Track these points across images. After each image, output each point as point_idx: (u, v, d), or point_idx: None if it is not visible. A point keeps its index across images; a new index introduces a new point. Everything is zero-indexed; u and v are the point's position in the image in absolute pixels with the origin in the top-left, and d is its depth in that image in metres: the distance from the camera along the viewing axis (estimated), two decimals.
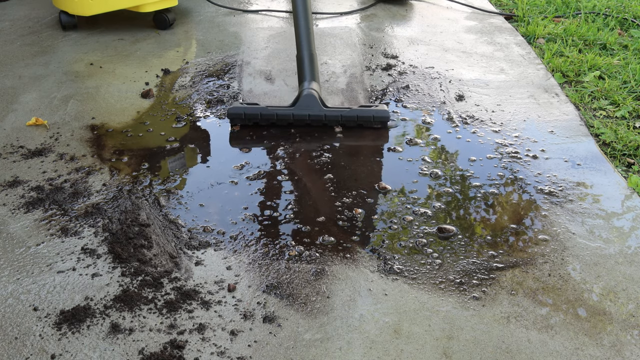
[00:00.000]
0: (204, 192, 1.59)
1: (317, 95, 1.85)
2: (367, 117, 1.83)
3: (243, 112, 1.84)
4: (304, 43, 1.94)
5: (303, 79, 1.92)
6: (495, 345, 1.14)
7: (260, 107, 1.85)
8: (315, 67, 1.93)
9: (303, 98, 1.84)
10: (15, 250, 1.38)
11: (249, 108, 1.85)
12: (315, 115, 1.83)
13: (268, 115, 1.83)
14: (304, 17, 1.96)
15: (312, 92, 1.84)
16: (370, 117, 1.83)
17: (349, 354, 1.12)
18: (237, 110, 1.85)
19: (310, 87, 1.87)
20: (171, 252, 1.38)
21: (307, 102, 1.84)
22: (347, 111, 1.84)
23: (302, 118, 1.83)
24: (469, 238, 1.42)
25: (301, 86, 1.90)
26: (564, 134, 1.83)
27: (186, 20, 2.78)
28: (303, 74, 1.93)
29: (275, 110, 1.83)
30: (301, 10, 1.97)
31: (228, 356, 1.12)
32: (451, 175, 1.65)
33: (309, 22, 1.97)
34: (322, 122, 1.84)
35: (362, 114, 1.83)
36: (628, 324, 1.19)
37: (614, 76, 2.21)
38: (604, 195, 1.56)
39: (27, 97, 2.07)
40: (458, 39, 2.55)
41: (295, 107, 1.84)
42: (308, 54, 1.93)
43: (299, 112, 1.83)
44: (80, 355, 1.12)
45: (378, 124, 1.85)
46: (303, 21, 1.96)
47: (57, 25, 2.70)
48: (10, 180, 1.62)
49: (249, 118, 1.85)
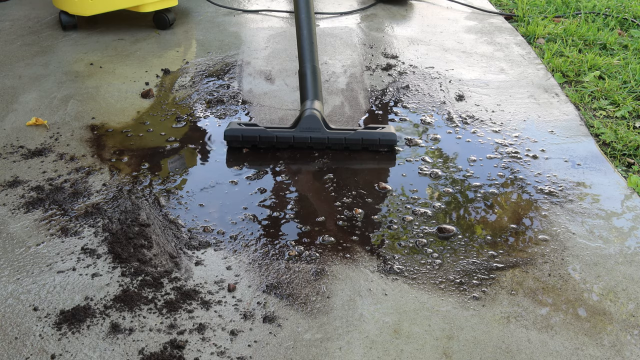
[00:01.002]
0: (203, 192, 1.59)
1: (320, 116, 1.75)
2: (373, 140, 1.74)
3: (240, 135, 1.74)
4: (306, 57, 1.85)
5: (305, 98, 1.82)
6: (495, 345, 1.14)
7: (259, 128, 1.75)
8: (318, 84, 1.83)
9: (305, 119, 1.74)
10: (15, 250, 1.38)
11: (246, 130, 1.75)
12: (318, 138, 1.74)
13: (267, 138, 1.74)
14: (307, 28, 1.87)
15: (314, 113, 1.74)
16: (376, 140, 1.74)
17: (349, 354, 1.12)
18: (234, 132, 1.75)
19: (312, 107, 1.76)
20: (171, 252, 1.38)
21: (309, 123, 1.74)
22: (351, 134, 1.74)
23: (304, 141, 1.74)
24: (469, 238, 1.42)
25: (303, 105, 1.80)
26: (564, 134, 1.83)
27: (186, 20, 2.78)
28: (305, 92, 1.83)
29: (274, 132, 1.74)
30: (304, 20, 1.87)
31: (228, 356, 1.12)
32: (451, 175, 1.65)
33: (313, 34, 1.87)
34: (324, 145, 1.75)
35: (368, 137, 1.74)
36: (628, 324, 1.19)
37: (614, 76, 2.21)
38: (604, 195, 1.56)
39: (27, 97, 2.07)
40: (458, 39, 2.55)
41: (297, 129, 1.74)
42: (311, 70, 1.83)
43: (300, 134, 1.74)
44: (80, 355, 1.12)
45: (384, 148, 1.75)
46: (306, 32, 1.87)
47: (57, 25, 2.70)
48: (10, 180, 1.62)
49: (247, 141, 1.75)
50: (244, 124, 1.78)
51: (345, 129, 1.77)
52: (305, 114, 1.74)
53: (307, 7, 1.88)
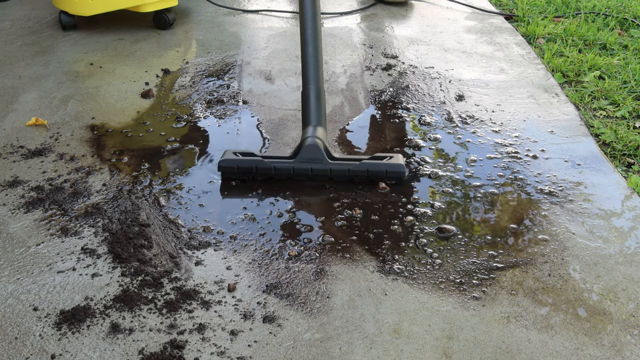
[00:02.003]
0: (203, 192, 1.59)
1: (322, 145, 1.61)
2: (379, 172, 1.60)
3: (236, 166, 1.61)
4: (311, 77, 1.70)
5: (307, 123, 1.68)
6: (495, 345, 1.14)
7: (255, 159, 1.61)
8: (322, 108, 1.69)
9: (305, 149, 1.60)
10: (15, 250, 1.38)
11: (242, 161, 1.61)
12: (319, 170, 1.60)
13: (264, 169, 1.60)
14: (313, 45, 1.72)
15: (316, 142, 1.60)
16: (383, 172, 1.59)
17: (349, 354, 1.12)
18: (228, 163, 1.61)
19: (315, 134, 1.63)
20: (171, 252, 1.38)
21: (310, 153, 1.60)
22: (355, 165, 1.60)
23: (304, 173, 1.61)
24: (469, 238, 1.42)
25: (304, 132, 1.66)
26: (564, 134, 1.83)
27: (186, 20, 2.78)
28: (308, 117, 1.69)
29: (272, 163, 1.60)
30: (310, 36, 1.73)
31: (228, 356, 1.12)
32: (451, 175, 1.65)
33: (319, 52, 1.73)
34: (327, 177, 1.62)
35: (374, 168, 1.60)
36: (628, 324, 1.19)
37: (614, 76, 2.21)
38: (604, 195, 1.56)
39: (27, 97, 2.07)
40: (458, 39, 2.55)
41: (297, 159, 1.61)
42: (315, 92, 1.69)
43: (300, 166, 1.60)
44: (80, 355, 1.12)
45: (392, 180, 1.61)
46: (312, 50, 1.72)
47: (57, 25, 2.70)
48: (10, 180, 1.62)
49: (243, 172, 1.61)
50: (240, 153, 1.65)
51: (349, 159, 1.63)
52: (306, 142, 1.61)
53: (314, 22, 1.75)
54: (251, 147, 1.79)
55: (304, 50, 1.73)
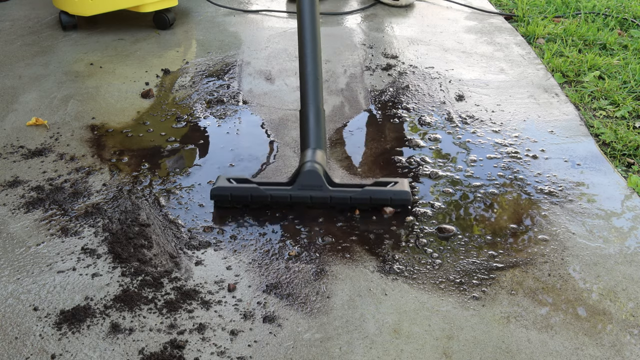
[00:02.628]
0: (203, 192, 1.59)
1: (322, 170, 1.51)
2: (384, 199, 1.49)
3: (229, 194, 1.51)
4: (310, 96, 1.61)
5: (306, 146, 1.58)
6: (495, 345, 1.14)
7: (250, 186, 1.51)
8: (321, 129, 1.59)
9: (304, 174, 1.50)
10: (15, 250, 1.38)
11: (236, 189, 1.51)
12: (319, 198, 1.50)
13: (260, 197, 1.50)
14: (312, 62, 1.62)
15: (315, 168, 1.50)
16: (387, 199, 1.49)
17: (349, 354, 1.12)
18: (221, 191, 1.51)
19: (314, 159, 1.53)
20: (171, 252, 1.38)
21: (308, 180, 1.50)
22: (358, 192, 1.49)
23: (303, 200, 1.51)
24: (469, 238, 1.42)
25: (303, 156, 1.56)
26: (564, 134, 1.84)
27: (186, 20, 2.78)
28: (306, 140, 1.59)
29: (269, 191, 1.50)
30: (309, 53, 1.63)
31: (228, 356, 1.12)
32: (451, 175, 1.65)
33: (318, 69, 1.62)
34: (327, 205, 1.51)
35: (377, 196, 1.49)
36: (628, 324, 1.19)
37: (614, 76, 2.21)
38: (604, 195, 1.56)
39: (27, 97, 2.07)
40: (458, 39, 2.55)
41: (294, 185, 1.51)
42: (315, 113, 1.59)
43: (298, 193, 1.50)
44: (81, 355, 1.12)
45: (397, 208, 1.51)
46: (311, 67, 1.62)
47: (57, 25, 2.70)
48: (11, 180, 1.62)
49: (237, 201, 1.52)
50: (234, 179, 1.55)
51: (351, 186, 1.53)
52: (305, 168, 1.51)
53: (313, 38, 1.64)
54: (251, 147, 1.79)
55: (302, 67, 1.64)
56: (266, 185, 1.52)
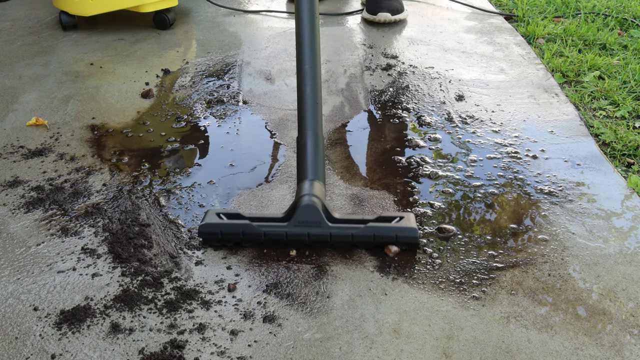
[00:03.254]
0: (203, 192, 1.59)
1: (321, 205, 1.37)
2: (389, 237, 1.36)
3: (219, 231, 1.37)
4: (308, 122, 1.47)
5: (303, 177, 1.44)
6: (495, 345, 1.14)
7: (242, 223, 1.37)
8: (320, 159, 1.45)
9: (301, 210, 1.36)
10: (15, 250, 1.38)
11: (227, 225, 1.37)
12: (317, 235, 1.36)
13: (253, 235, 1.37)
14: (311, 83, 1.49)
15: (312, 202, 1.36)
16: (393, 237, 1.36)
17: (349, 354, 1.12)
18: (210, 228, 1.38)
19: (311, 191, 1.39)
20: (171, 252, 1.38)
21: (306, 215, 1.36)
22: (360, 229, 1.35)
23: (299, 238, 1.37)
24: (468, 238, 1.42)
25: (300, 188, 1.42)
26: (564, 134, 1.84)
27: (186, 20, 2.78)
28: (304, 170, 1.44)
29: (262, 228, 1.36)
30: (308, 73, 1.50)
31: (228, 356, 1.12)
32: (451, 175, 1.65)
33: (318, 91, 1.49)
34: (326, 243, 1.38)
35: (382, 233, 1.36)
36: (628, 324, 1.19)
37: (614, 76, 2.21)
38: (604, 195, 1.56)
39: (28, 97, 2.07)
40: (458, 39, 2.55)
41: (291, 222, 1.36)
42: (313, 140, 1.46)
43: (294, 230, 1.36)
44: (81, 355, 1.12)
45: (402, 246, 1.38)
46: (310, 89, 1.49)
47: (57, 25, 2.70)
48: (11, 180, 1.62)
49: (227, 239, 1.38)
50: (224, 214, 1.42)
51: (352, 221, 1.40)
52: (302, 202, 1.37)
53: (312, 54, 1.53)
54: (251, 147, 1.80)
55: (300, 88, 1.50)
56: (260, 222, 1.38)
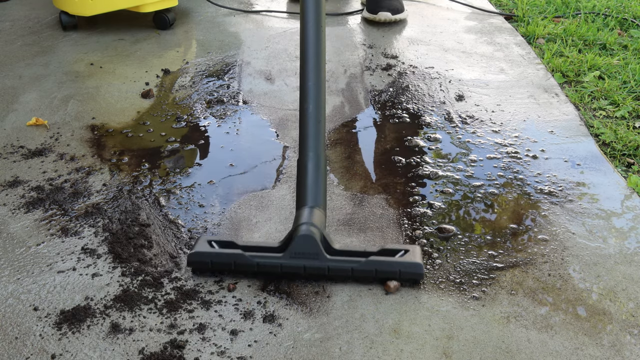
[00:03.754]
0: (203, 192, 1.59)
1: (319, 235, 1.27)
2: (391, 272, 1.26)
3: (209, 261, 1.28)
4: (310, 143, 1.37)
5: (302, 203, 1.33)
6: (495, 345, 1.14)
7: (234, 253, 1.28)
8: (321, 183, 1.35)
9: (298, 240, 1.26)
10: (15, 250, 1.38)
11: (218, 255, 1.28)
12: (314, 269, 1.26)
13: (245, 266, 1.28)
14: (314, 102, 1.39)
15: (310, 233, 1.26)
16: (396, 272, 1.26)
17: (349, 354, 1.12)
18: (200, 257, 1.29)
19: (310, 220, 1.28)
20: (171, 252, 1.38)
21: (303, 247, 1.26)
22: (361, 263, 1.26)
23: (295, 271, 1.27)
24: (468, 238, 1.42)
25: (298, 216, 1.31)
26: (564, 134, 1.84)
27: (186, 21, 2.78)
28: (303, 196, 1.34)
29: (255, 259, 1.27)
30: (312, 90, 1.40)
31: (228, 356, 1.12)
32: (451, 175, 1.65)
33: (321, 111, 1.39)
34: (324, 276, 1.29)
35: (384, 268, 1.26)
36: (628, 324, 1.19)
37: (614, 76, 2.21)
38: (604, 195, 1.56)
39: (28, 97, 2.07)
40: (458, 39, 2.55)
41: (286, 253, 1.26)
42: (314, 162, 1.35)
43: (290, 262, 1.26)
44: (81, 355, 1.12)
45: (406, 282, 1.28)
46: (313, 107, 1.39)
47: (58, 25, 2.70)
48: (11, 180, 1.62)
49: (218, 268, 1.30)
50: (216, 242, 1.33)
51: (352, 253, 1.30)
52: (300, 232, 1.26)
53: (317, 72, 1.42)
54: (251, 147, 1.80)
55: (302, 106, 1.41)
56: (253, 251, 1.30)
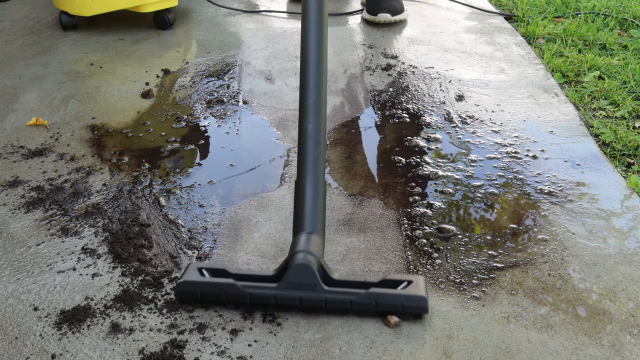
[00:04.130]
0: (203, 192, 1.59)
1: (316, 264, 1.18)
2: (393, 306, 1.17)
3: (199, 291, 1.20)
4: (309, 165, 1.28)
5: (300, 229, 1.24)
6: (495, 345, 1.14)
7: (226, 282, 1.19)
8: (320, 207, 1.26)
9: (294, 270, 1.17)
10: (15, 250, 1.38)
11: (208, 285, 1.20)
12: (311, 301, 1.18)
13: (237, 297, 1.19)
14: (314, 120, 1.31)
15: (307, 261, 1.16)
16: (398, 305, 1.17)
17: (349, 354, 1.12)
18: (189, 287, 1.21)
19: (307, 247, 1.19)
20: (171, 252, 1.38)
21: (299, 276, 1.17)
22: (361, 295, 1.17)
23: (290, 302, 1.18)
24: (468, 238, 1.42)
25: (294, 243, 1.22)
26: (564, 134, 1.84)
27: (186, 20, 2.78)
28: (301, 221, 1.25)
29: (248, 289, 1.18)
30: (312, 108, 1.32)
31: (228, 356, 1.12)
32: (451, 175, 1.65)
33: (322, 131, 1.31)
34: (321, 308, 1.21)
35: (385, 301, 1.17)
36: (628, 324, 1.19)
37: (614, 76, 2.21)
38: (604, 195, 1.56)
39: (28, 97, 2.07)
40: (458, 39, 2.55)
41: (281, 282, 1.18)
42: (313, 186, 1.27)
43: (285, 293, 1.18)
44: (81, 355, 1.12)
45: (409, 316, 1.19)
46: (312, 127, 1.30)
47: (58, 25, 2.70)
48: (11, 180, 1.62)
49: (208, 299, 1.21)
50: (207, 270, 1.24)
51: (352, 284, 1.21)
52: (296, 261, 1.17)
53: (318, 88, 1.34)
54: (251, 147, 1.80)
55: (302, 125, 1.32)
56: (246, 280, 1.21)
